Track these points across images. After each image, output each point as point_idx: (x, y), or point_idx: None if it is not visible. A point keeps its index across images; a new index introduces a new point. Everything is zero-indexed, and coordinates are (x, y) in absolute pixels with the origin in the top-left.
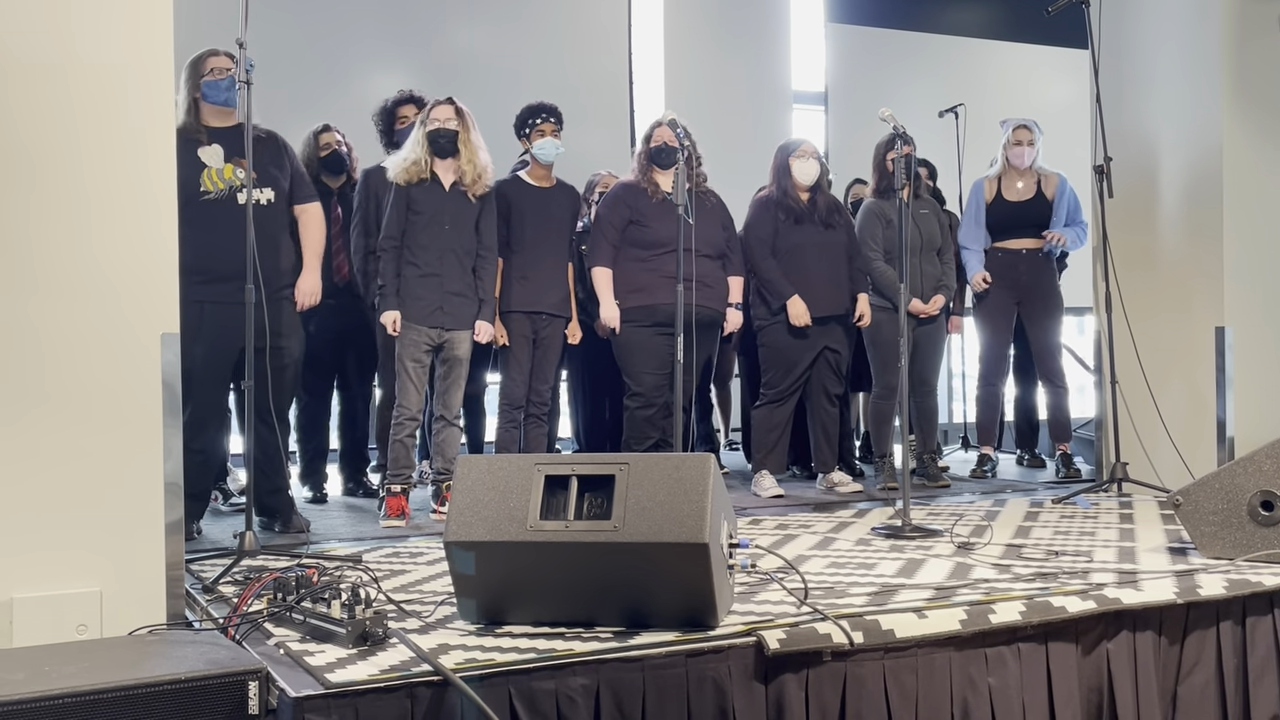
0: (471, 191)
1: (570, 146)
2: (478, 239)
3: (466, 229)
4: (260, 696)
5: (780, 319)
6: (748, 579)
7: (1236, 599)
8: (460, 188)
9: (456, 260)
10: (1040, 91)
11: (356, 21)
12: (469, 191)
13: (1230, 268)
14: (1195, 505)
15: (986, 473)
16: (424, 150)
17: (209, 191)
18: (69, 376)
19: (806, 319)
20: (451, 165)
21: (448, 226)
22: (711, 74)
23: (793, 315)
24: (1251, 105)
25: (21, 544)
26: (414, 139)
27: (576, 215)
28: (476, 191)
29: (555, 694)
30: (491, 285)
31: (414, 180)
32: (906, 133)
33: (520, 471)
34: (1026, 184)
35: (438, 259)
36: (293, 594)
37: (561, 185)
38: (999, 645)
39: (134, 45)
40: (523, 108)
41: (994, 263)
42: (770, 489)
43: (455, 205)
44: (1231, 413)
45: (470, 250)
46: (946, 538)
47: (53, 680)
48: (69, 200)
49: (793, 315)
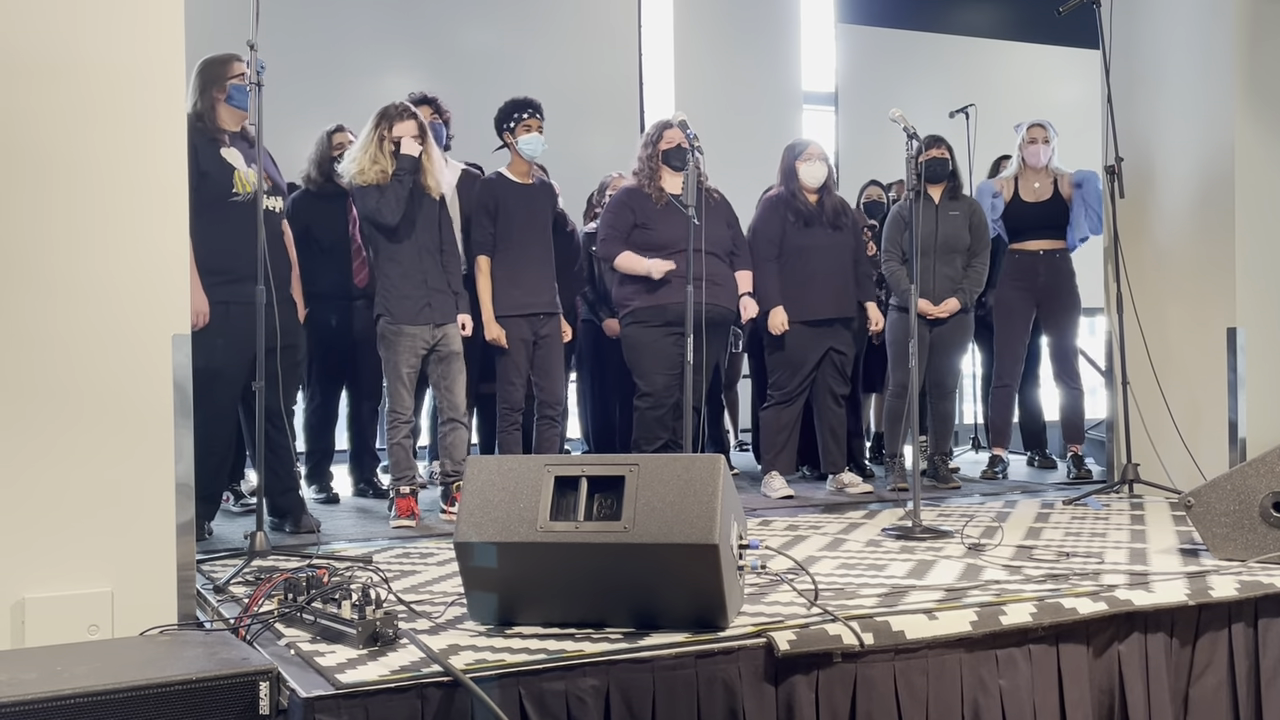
0: (432, 192)
1: (580, 147)
2: (440, 236)
3: (433, 227)
4: (271, 697)
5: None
6: (758, 580)
7: (1248, 600)
8: (420, 189)
9: (432, 258)
10: (1051, 92)
11: (366, 22)
12: (430, 192)
13: (1242, 268)
14: (1207, 506)
15: (997, 474)
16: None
17: (239, 194)
18: (80, 377)
19: (782, 328)
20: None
21: (419, 226)
22: (721, 74)
23: (771, 325)
24: (1264, 105)
25: (33, 544)
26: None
27: (554, 212)
28: (434, 193)
29: (565, 695)
30: (459, 280)
31: (380, 182)
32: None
33: (530, 472)
34: (1043, 184)
35: (415, 257)
36: (303, 594)
37: (541, 182)
38: (1010, 647)
39: (145, 46)
40: (505, 102)
41: (1013, 264)
42: (780, 490)
43: (422, 204)
44: (1243, 414)
45: (437, 248)
46: (957, 539)
47: (64, 680)
48: (81, 202)
49: (771, 325)
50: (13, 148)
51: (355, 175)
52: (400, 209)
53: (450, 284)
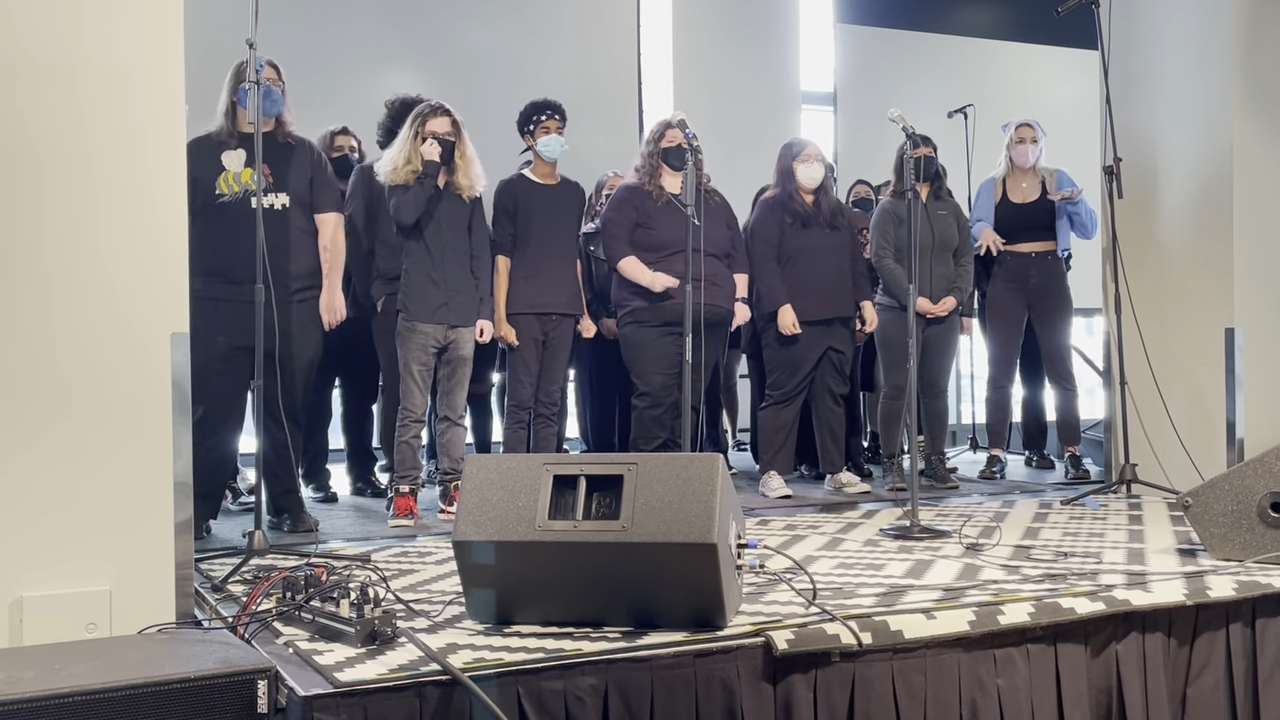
0: (465, 194)
1: (578, 146)
2: (470, 240)
3: (460, 229)
4: (269, 695)
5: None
6: (756, 579)
7: (1246, 600)
8: (453, 190)
9: (455, 259)
10: (1049, 92)
11: (365, 21)
12: (462, 194)
13: (1240, 269)
14: (1205, 507)
15: (995, 474)
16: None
17: (223, 194)
18: (79, 376)
19: (794, 330)
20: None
21: (444, 226)
22: (720, 74)
23: (781, 324)
24: (1262, 106)
25: (31, 543)
26: (405, 140)
27: (582, 212)
28: (468, 194)
29: (564, 694)
30: (488, 285)
31: (408, 182)
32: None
33: (529, 471)
34: (1031, 185)
35: (438, 257)
36: (301, 593)
37: (566, 182)
38: (1008, 646)
39: (145, 46)
40: (526, 104)
41: (1004, 266)
42: (778, 489)
43: (449, 205)
44: (1241, 414)
45: (466, 250)
46: (955, 539)
47: (62, 679)
48: (81, 200)
49: (781, 324)
50: (13, 147)
51: (389, 174)
52: (418, 209)
53: (478, 287)
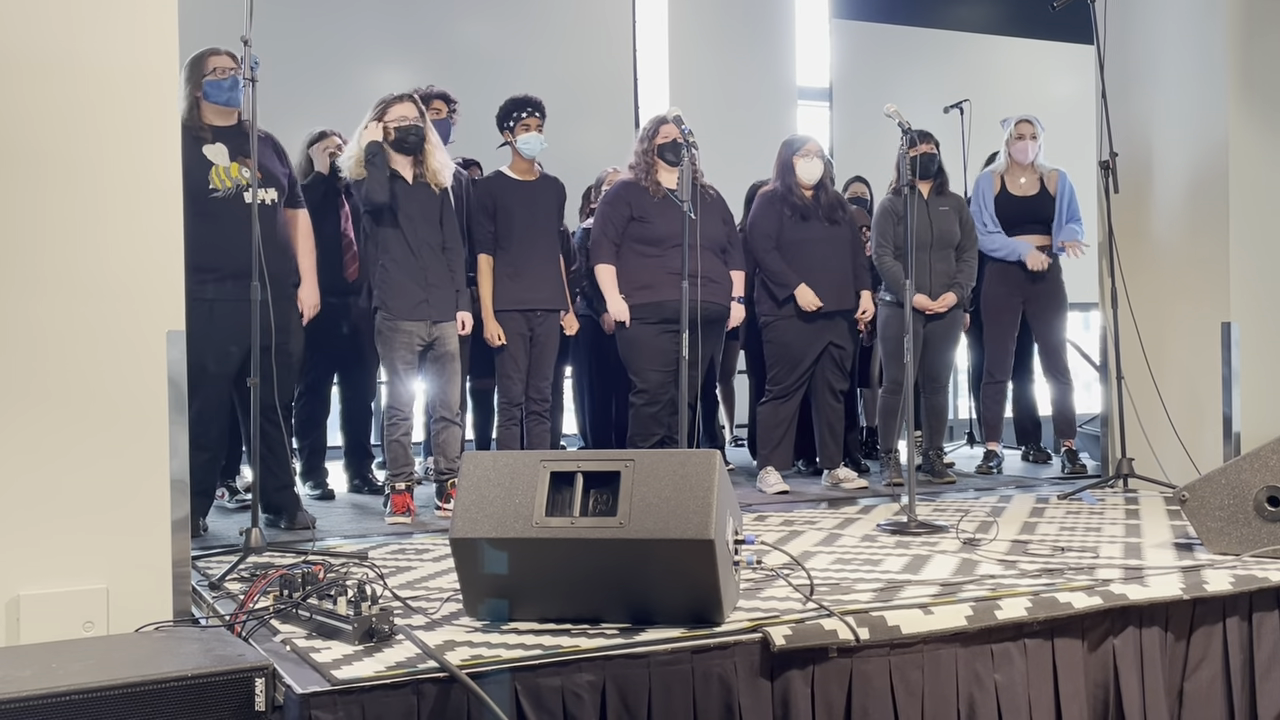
0: (434, 184)
1: (575, 142)
2: (442, 232)
3: (433, 222)
4: (266, 693)
5: (785, 315)
6: (753, 575)
7: (1243, 594)
8: (422, 181)
9: (431, 253)
10: (1045, 87)
11: (360, 18)
12: (431, 184)
13: (1236, 263)
14: (1201, 501)
15: (992, 468)
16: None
17: (217, 189)
18: (75, 374)
19: (816, 303)
20: (409, 160)
21: (418, 220)
22: (716, 70)
23: (802, 303)
24: (1258, 100)
25: (28, 541)
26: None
27: (563, 206)
28: (438, 184)
29: (561, 690)
30: (462, 277)
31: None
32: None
33: (526, 468)
34: (1029, 180)
35: (416, 252)
36: (299, 591)
37: (545, 177)
38: (1005, 641)
39: (139, 45)
40: (506, 100)
41: (1000, 261)
42: (775, 485)
43: (422, 198)
44: (1237, 408)
45: (439, 243)
46: (952, 534)
47: (59, 677)
48: (75, 199)
49: (802, 303)
50: (9, 146)
51: (352, 169)
52: (384, 189)
53: (454, 280)
